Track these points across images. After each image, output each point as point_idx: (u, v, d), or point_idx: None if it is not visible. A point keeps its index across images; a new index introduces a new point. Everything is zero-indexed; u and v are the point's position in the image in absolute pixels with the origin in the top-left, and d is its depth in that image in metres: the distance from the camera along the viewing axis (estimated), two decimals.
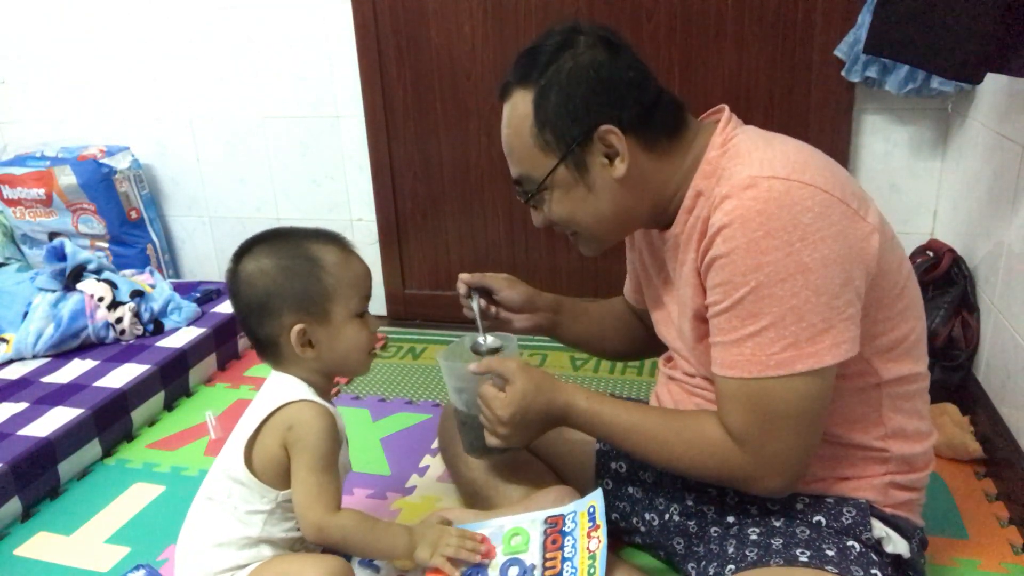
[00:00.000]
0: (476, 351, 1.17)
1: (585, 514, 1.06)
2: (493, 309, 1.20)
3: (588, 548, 1.02)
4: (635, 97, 0.95)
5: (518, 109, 0.97)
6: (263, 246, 1.04)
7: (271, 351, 1.05)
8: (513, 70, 0.99)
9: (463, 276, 1.19)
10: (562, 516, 1.08)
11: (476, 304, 1.18)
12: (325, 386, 1.08)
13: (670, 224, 1.01)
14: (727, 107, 1.00)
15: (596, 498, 1.08)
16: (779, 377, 0.85)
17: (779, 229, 0.82)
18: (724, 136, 0.95)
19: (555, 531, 1.06)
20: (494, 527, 1.10)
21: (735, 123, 0.98)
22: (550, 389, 1.03)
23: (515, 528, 1.09)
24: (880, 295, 0.90)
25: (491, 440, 1.07)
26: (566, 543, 1.03)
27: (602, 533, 1.02)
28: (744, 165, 0.88)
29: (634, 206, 0.99)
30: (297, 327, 1.01)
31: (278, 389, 1.03)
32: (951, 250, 1.61)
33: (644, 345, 1.32)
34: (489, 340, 1.17)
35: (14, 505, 1.42)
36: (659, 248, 1.08)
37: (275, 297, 1.01)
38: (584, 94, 0.93)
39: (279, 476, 1.01)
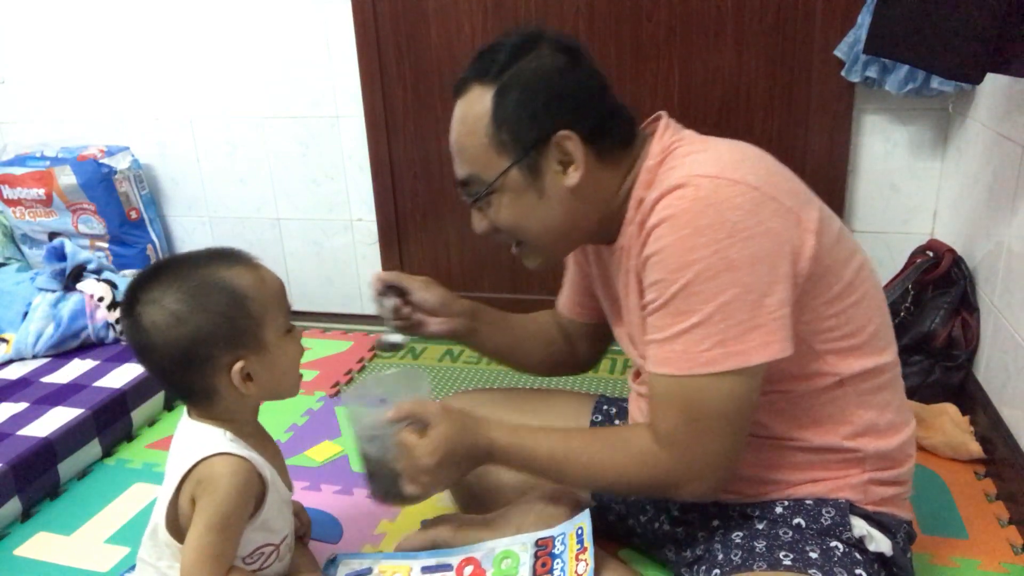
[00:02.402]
0: (379, 345, 1.14)
1: (573, 536, 1.06)
2: (407, 309, 1.16)
3: (576, 572, 1.02)
4: (594, 107, 0.94)
5: (475, 106, 0.95)
6: (160, 288, 0.92)
7: (206, 399, 0.96)
8: (472, 66, 0.97)
9: (378, 273, 1.16)
10: (551, 538, 1.08)
11: (389, 303, 1.14)
12: (251, 423, 1.02)
13: (615, 238, 1.00)
14: (665, 114, 0.99)
15: (584, 519, 1.08)
16: (708, 375, 0.85)
17: (706, 227, 0.83)
18: (663, 145, 0.95)
19: (545, 554, 1.06)
20: (485, 550, 1.10)
21: (673, 130, 0.98)
22: (473, 430, 0.98)
23: (505, 551, 1.09)
24: (824, 293, 0.89)
25: (409, 488, 0.98)
26: (555, 566, 1.03)
27: (589, 556, 1.02)
28: (679, 168, 0.89)
29: (582, 217, 0.98)
30: (238, 366, 0.93)
31: (195, 443, 0.95)
32: (951, 250, 1.61)
33: (563, 361, 1.30)
34: (393, 336, 1.14)
35: (14, 505, 1.42)
36: (607, 263, 1.07)
37: (203, 343, 0.91)
38: (546, 97, 0.92)
39: None
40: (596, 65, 0.97)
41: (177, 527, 0.96)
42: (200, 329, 0.91)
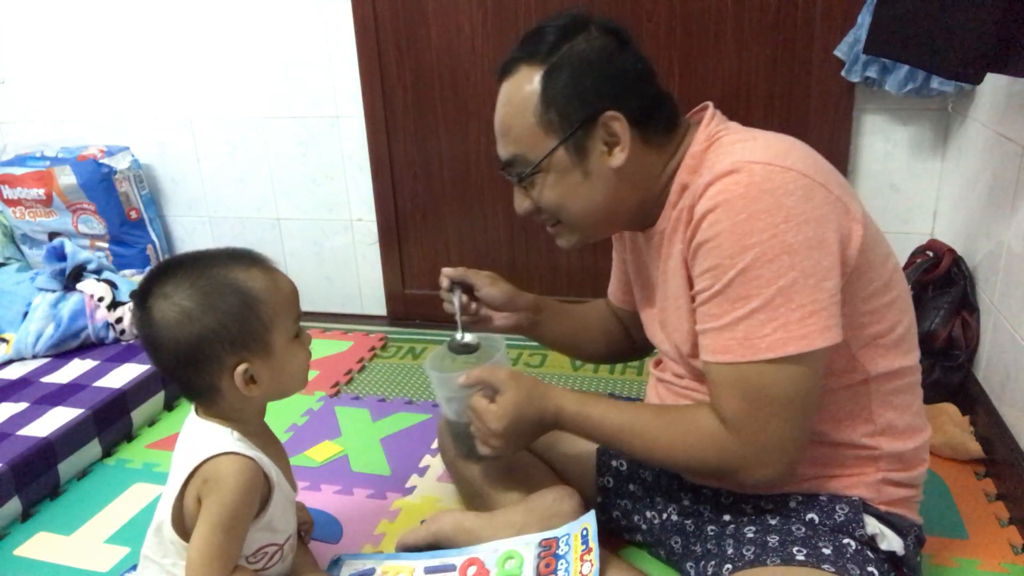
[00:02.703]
0: (452, 348, 1.16)
1: (578, 536, 1.06)
2: (474, 306, 1.19)
3: (581, 572, 1.01)
4: (640, 89, 0.96)
5: (523, 86, 0.96)
6: (174, 283, 0.92)
7: (209, 397, 0.97)
8: (520, 47, 0.98)
9: (446, 270, 1.18)
10: (556, 539, 1.08)
11: (457, 299, 1.16)
12: (257, 423, 1.03)
13: (653, 222, 1.01)
14: (711, 104, 1.01)
15: (589, 520, 1.08)
16: (771, 361, 0.85)
17: (762, 211, 0.83)
18: (708, 132, 0.96)
19: (549, 554, 1.06)
20: (488, 550, 1.10)
21: (719, 119, 0.99)
22: (541, 396, 1.02)
23: (509, 552, 1.09)
24: (865, 288, 0.90)
25: (483, 450, 1.06)
26: (559, 567, 1.03)
27: (594, 556, 1.02)
28: (727, 154, 0.90)
29: (625, 199, 0.99)
30: (241, 368, 0.93)
31: (202, 441, 0.96)
32: (951, 250, 1.61)
33: (623, 349, 1.32)
34: (467, 337, 1.15)
35: (14, 505, 1.42)
36: (643, 249, 1.08)
37: (210, 343, 0.91)
38: (595, 78, 0.93)
39: None
40: (642, 50, 0.98)
41: (182, 525, 0.96)
42: (208, 328, 0.91)
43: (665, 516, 1.13)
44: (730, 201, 0.84)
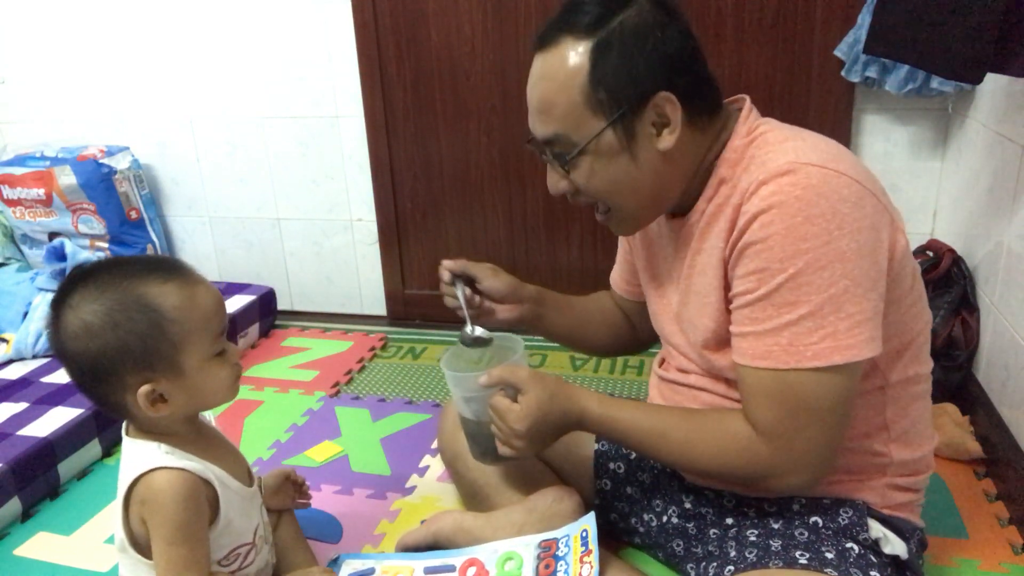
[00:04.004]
0: (464, 342, 1.13)
1: (578, 538, 1.06)
2: (476, 299, 1.15)
3: (580, 574, 1.01)
4: (692, 68, 0.91)
5: (568, 61, 0.88)
6: (84, 293, 0.87)
7: (120, 414, 0.94)
8: (560, 16, 0.91)
9: (446, 263, 1.14)
10: (555, 540, 1.08)
11: (460, 292, 1.13)
12: (189, 432, 0.98)
13: (684, 211, 0.98)
14: (748, 97, 0.97)
15: (589, 521, 1.07)
16: (815, 370, 0.83)
17: (818, 216, 0.80)
18: (748, 125, 0.93)
19: (548, 555, 1.06)
20: (488, 551, 1.10)
21: (756, 114, 0.96)
22: (565, 397, 0.99)
23: (509, 553, 1.09)
24: (895, 294, 0.89)
25: (504, 451, 1.02)
26: (559, 568, 1.03)
27: (594, 558, 1.01)
28: (778, 153, 0.86)
29: (670, 183, 0.94)
30: (144, 388, 0.88)
31: (131, 460, 0.93)
32: (951, 250, 1.61)
33: (627, 340, 1.30)
34: (478, 330, 1.13)
35: (14, 505, 1.42)
36: (663, 238, 1.05)
37: (111, 360, 0.87)
38: (647, 55, 0.87)
39: None
40: (690, 24, 0.92)
41: (138, 544, 0.95)
42: (108, 346, 0.87)
43: (665, 519, 1.12)
44: (786, 203, 0.81)
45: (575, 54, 0.88)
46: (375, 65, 2.04)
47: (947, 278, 1.59)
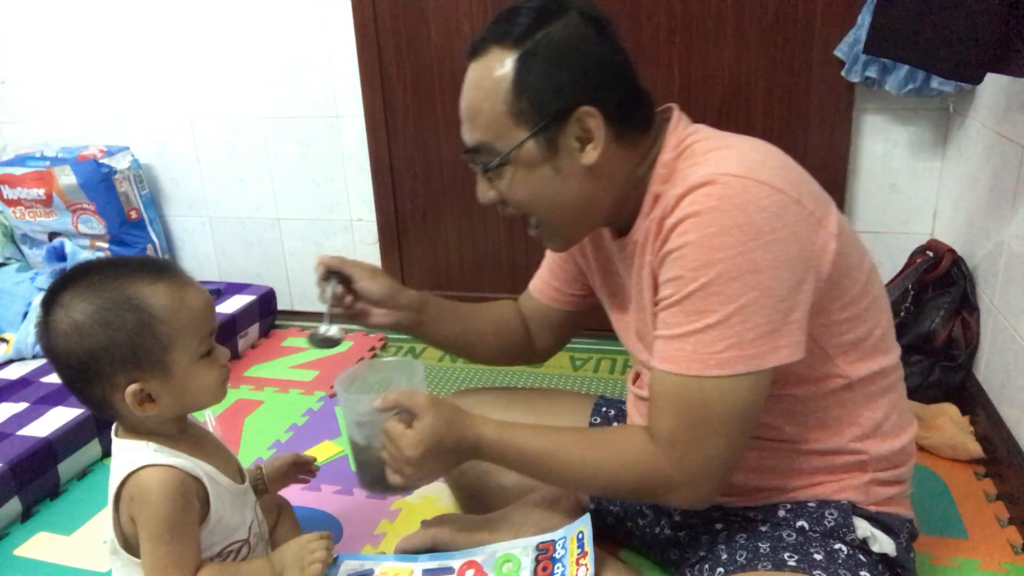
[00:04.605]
0: (313, 341, 1.10)
1: (574, 540, 1.06)
2: (349, 298, 1.12)
3: None
4: (619, 84, 0.91)
5: (494, 70, 0.89)
6: (74, 292, 0.88)
7: (108, 413, 0.94)
8: (491, 27, 0.92)
9: (322, 257, 1.11)
10: (552, 542, 1.08)
11: (330, 289, 1.09)
12: (177, 430, 0.98)
13: (627, 229, 0.98)
14: (676, 106, 0.97)
15: (584, 523, 1.07)
16: (717, 377, 0.83)
17: (733, 227, 0.81)
18: (677, 137, 0.93)
19: (545, 558, 1.06)
20: (487, 553, 1.10)
21: (686, 123, 0.96)
22: (461, 424, 0.96)
23: (507, 555, 1.09)
24: (841, 297, 0.89)
25: (394, 478, 0.98)
26: (556, 570, 1.03)
27: (589, 560, 1.01)
28: (701, 165, 0.87)
29: (596, 198, 0.94)
30: (132, 387, 0.89)
31: (121, 460, 0.93)
32: (951, 250, 1.61)
33: (518, 352, 1.28)
34: (332, 330, 1.09)
35: (14, 505, 1.42)
36: (615, 257, 1.05)
37: (99, 360, 0.88)
38: (572, 69, 0.88)
39: None
40: (622, 40, 0.93)
41: (130, 545, 0.95)
42: (98, 345, 0.87)
43: (658, 530, 1.13)
44: (702, 213, 0.82)
45: (501, 64, 0.89)
46: (375, 65, 2.04)
47: (947, 278, 1.59)
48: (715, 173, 0.83)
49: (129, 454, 0.93)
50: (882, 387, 0.95)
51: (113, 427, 0.99)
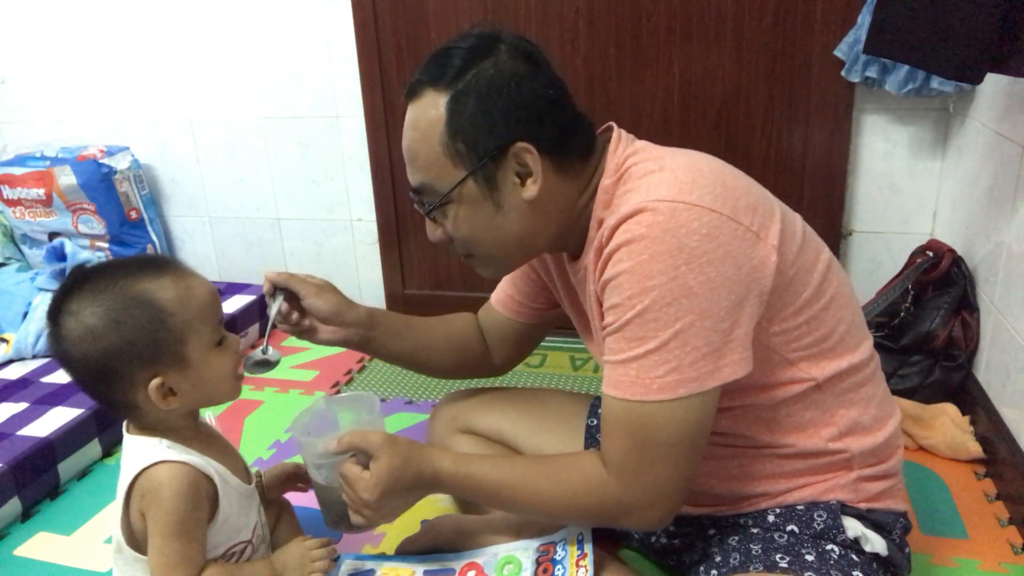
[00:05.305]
0: (248, 365, 1.08)
1: (574, 541, 1.06)
2: (295, 315, 1.11)
3: None
4: (553, 118, 0.91)
5: (428, 112, 0.91)
6: (80, 298, 0.89)
7: (129, 413, 0.96)
8: (425, 68, 0.93)
9: (268, 274, 1.10)
10: (553, 544, 1.08)
11: (276, 306, 1.07)
12: (191, 427, 0.99)
13: (578, 253, 0.99)
14: (615, 125, 0.97)
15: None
16: (661, 402, 0.84)
17: (663, 253, 0.81)
18: (617, 160, 0.93)
19: (546, 560, 1.06)
20: (488, 555, 1.11)
21: (625, 143, 0.95)
22: (418, 460, 0.96)
23: (508, 557, 1.09)
24: (793, 302, 0.89)
25: (356, 519, 0.99)
26: (556, 572, 1.03)
27: (589, 562, 1.02)
28: (633, 192, 0.88)
29: (541, 229, 0.95)
30: (154, 382, 0.90)
31: (133, 456, 0.94)
32: (951, 250, 1.61)
33: (473, 366, 1.28)
34: (269, 352, 1.09)
35: (14, 505, 1.42)
36: (571, 278, 1.06)
37: (118, 360, 0.88)
38: (503, 107, 0.88)
39: None
40: (555, 71, 0.93)
41: (136, 542, 0.95)
42: (114, 346, 0.88)
43: (654, 539, 1.14)
44: (633, 241, 0.83)
45: (435, 106, 0.90)
46: (375, 65, 2.04)
47: (947, 278, 1.59)
48: (646, 200, 0.84)
49: (142, 450, 0.94)
50: (854, 383, 0.95)
51: (124, 423, 0.99)
